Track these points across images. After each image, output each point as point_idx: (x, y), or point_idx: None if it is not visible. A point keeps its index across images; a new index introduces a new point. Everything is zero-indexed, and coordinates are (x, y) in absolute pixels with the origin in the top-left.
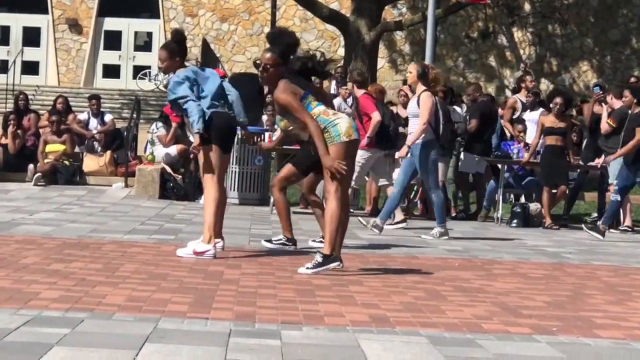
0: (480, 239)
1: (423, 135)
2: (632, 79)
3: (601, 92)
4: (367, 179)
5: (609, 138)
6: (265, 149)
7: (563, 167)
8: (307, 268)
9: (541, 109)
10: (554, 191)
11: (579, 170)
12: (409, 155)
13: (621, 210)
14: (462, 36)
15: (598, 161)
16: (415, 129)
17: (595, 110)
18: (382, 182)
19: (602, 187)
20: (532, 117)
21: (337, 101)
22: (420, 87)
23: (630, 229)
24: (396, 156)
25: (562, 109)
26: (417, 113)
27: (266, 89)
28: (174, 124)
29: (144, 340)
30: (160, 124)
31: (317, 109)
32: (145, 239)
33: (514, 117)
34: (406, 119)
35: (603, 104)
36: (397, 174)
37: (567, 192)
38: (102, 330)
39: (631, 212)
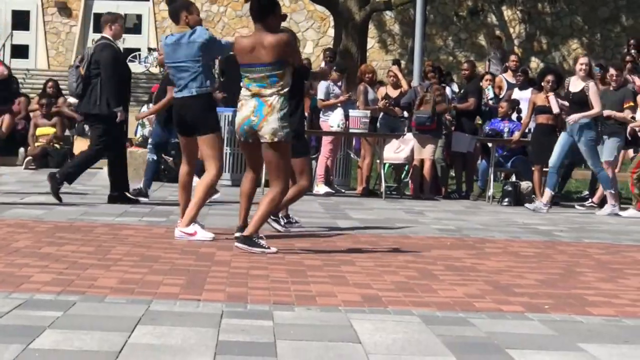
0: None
1: None
2: (628, 58)
3: (599, 73)
4: (357, 158)
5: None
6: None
7: (554, 145)
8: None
9: (531, 88)
10: (545, 169)
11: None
12: None
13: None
14: (452, 15)
15: None
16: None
17: None
18: None
19: None
20: (523, 96)
21: (324, 84)
22: None
23: (596, 205)
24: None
25: (554, 86)
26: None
27: None
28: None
29: (136, 323)
30: (150, 105)
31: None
32: (137, 221)
33: (500, 96)
34: (396, 99)
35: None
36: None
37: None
38: (94, 312)
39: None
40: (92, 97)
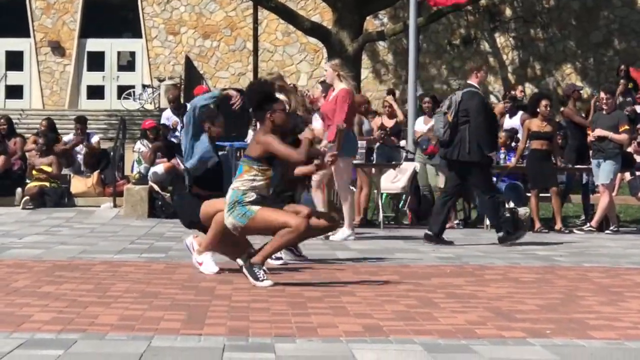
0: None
1: None
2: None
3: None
4: (354, 189)
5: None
6: None
7: (550, 169)
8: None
9: (520, 113)
10: (542, 194)
11: (566, 172)
12: None
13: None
14: (445, 44)
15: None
16: None
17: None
18: None
19: (586, 188)
20: (512, 123)
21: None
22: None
23: (594, 229)
24: None
25: (550, 111)
26: None
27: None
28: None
29: (138, 359)
30: (144, 141)
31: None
32: (136, 258)
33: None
34: (391, 129)
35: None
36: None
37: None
38: (96, 350)
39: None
40: (460, 144)
